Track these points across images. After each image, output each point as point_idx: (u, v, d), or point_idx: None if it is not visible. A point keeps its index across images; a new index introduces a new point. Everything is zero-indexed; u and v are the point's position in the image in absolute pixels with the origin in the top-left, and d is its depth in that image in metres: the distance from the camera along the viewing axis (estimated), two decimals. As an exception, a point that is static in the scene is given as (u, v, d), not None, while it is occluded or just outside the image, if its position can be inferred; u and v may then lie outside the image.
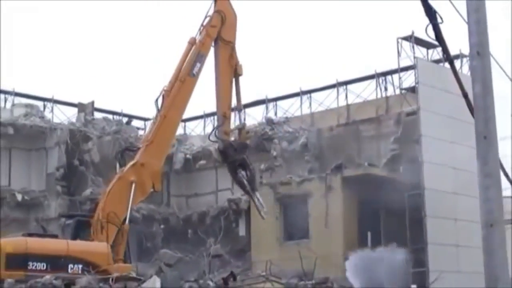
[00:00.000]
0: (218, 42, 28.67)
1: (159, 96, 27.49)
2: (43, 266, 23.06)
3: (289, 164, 39.62)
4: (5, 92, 39.71)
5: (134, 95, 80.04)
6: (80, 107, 41.77)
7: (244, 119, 31.62)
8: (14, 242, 24.28)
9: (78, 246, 24.73)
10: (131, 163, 27.12)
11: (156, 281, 20.89)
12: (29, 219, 37.24)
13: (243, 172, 28.52)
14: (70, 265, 23.49)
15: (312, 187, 34.67)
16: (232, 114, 28.92)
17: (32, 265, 22.96)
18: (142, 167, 26.83)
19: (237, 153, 28.54)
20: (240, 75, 29.02)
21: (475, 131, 9.26)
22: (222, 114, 28.81)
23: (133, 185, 26.46)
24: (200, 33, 28.35)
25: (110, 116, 43.64)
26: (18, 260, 22.91)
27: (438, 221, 32.62)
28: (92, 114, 42.02)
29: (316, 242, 33.10)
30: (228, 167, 29.10)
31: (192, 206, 43.06)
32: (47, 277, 21.66)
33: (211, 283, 22.69)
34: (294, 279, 25.93)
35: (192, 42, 28.06)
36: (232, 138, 29.19)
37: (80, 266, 23.63)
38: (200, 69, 28.15)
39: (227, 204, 40.67)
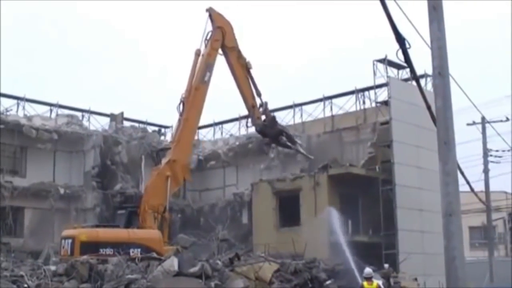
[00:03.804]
0: (225, 50, 28.84)
1: (179, 103, 27.65)
2: (111, 251, 23.10)
3: (284, 164, 39.58)
4: (51, 105, 39.72)
5: (156, 107, 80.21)
6: (112, 117, 41.80)
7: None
8: (87, 232, 24.48)
9: (137, 233, 24.93)
10: (165, 160, 27.37)
11: (174, 261, 20.84)
12: (69, 209, 37.23)
13: (283, 138, 29.86)
14: (132, 249, 23.58)
15: (303, 183, 34.56)
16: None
17: (103, 251, 23.02)
18: (174, 163, 27.11)
19: (272, 128, 29.62)
20: (251, 68, 29.42)
21: (437, 138, 9.30)
22: (251, 105, 29.44)
23: (169, 179, 26.63)
24: (206, 46, 28.41)
25: (136, 125, 43.62)
26: (91, 247, 22.99)
27: (407, 211, 32.60)
28: (122, 123, 42.01)
29: (306, 229, 33.01)
30: (271, 140, 30.70)
31: (204, 199, 43.05)
32: (85, 256, 21.65)
33: (219, 262, 22.64)
34: (288, 259, 25.85)
35: (198, 53, 28.16)
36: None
37: (139, 250, 23.73)
38: (210, 77, 28.38)
39: (232, 197, 40.73)
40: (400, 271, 29.58)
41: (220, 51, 29.05)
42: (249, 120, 30.23)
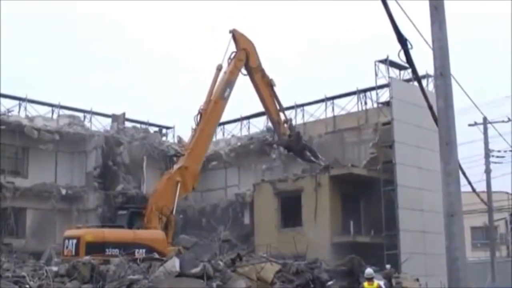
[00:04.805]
0: (249, 70, 29.74)
1: (197, 114, 28.16)
2: (116, 251, 23.13)
3: (286, 165, 39.55)
4: (52, 105, 39.73)
5: (157, 107, 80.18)
6: (114, 117, 41.79)
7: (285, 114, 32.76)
8: (93, 232, 24.56)
9: (142, 234, 25.03)
10: (178, 166, 27.94)
11: (175, 262, 20.80)
12: (71, 209, 37.26)
13: (307, 153, 31.80)
14: (137, 250, 23.64)
15: (304, 183, 34.54)
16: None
17: (109, 251, 23.07)
18: (186, 170, 27.60)
19: (297, 143, 31.19)
20: (274, 86, 30.51)
21: (439, 138, 9.30)
22: (276, 121, 30.74)
23: (179, 184, 26.90)
24: (229, 64, 29.07)
25: (138, 125, 43.63)
26: (97, 247, 23.06)
27: (408, 212, 32.58)
28: (123, 123, 42.00)
29: (307, 229, 33.02)
30: (295, 154, 32.51)
31: (206, 200, 43.04)
32: (87, 257, 21.64)
33: (221, 263, 22.62)
34: (290, 260, 25.80)
35: (219, 68, 28.98)
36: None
37: (144, 250, 23.79)
38: (229, 93, 29.31)
39: (234, 198, 40.73)
40: (402, 272, 29.53)
41: (243, 71, 29.92)
42: (276, 136, 32.02)
